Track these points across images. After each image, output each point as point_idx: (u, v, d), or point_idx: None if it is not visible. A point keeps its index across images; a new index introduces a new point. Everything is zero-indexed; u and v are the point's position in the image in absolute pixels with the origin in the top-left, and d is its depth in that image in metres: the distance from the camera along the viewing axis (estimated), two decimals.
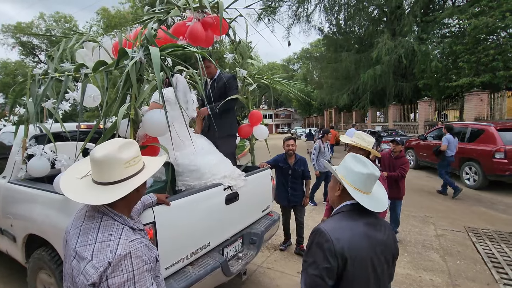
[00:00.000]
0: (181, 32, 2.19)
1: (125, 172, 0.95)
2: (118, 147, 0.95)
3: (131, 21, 15.55)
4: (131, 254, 0.89)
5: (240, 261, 2.34)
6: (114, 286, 0.85)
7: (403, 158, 3.85)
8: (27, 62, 24.88)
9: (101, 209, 0.96)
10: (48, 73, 2.51)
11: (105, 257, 0.86)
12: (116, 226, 0.94)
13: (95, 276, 0.84)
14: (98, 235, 0.91)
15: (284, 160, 3.38)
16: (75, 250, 0.91)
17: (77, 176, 1.01)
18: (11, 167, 2.61)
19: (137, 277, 0.89)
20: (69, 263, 0.93)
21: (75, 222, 1.00)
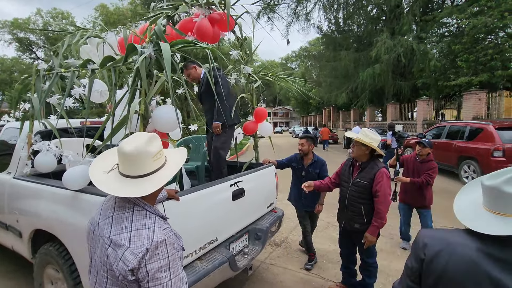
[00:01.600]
0: (188, 28, 2.19)
1: (153, 165, 0.98)
2: (145, 141, 0.97)
3: (130, 18, 15.49)
4: (166, 241, 0.93)
5: (246, 257, 2.36)
6: (152, 272, 0.88)
7: (431, 163, 3.39)
8: (24, 59, 24.67)
9: (132, 199, 0.99)
10: (53, 69, 2.51)
11: (143, 243, 0.89)
12: (149, 215, 0.97)
13: (134, 262, 0.87)
14: (132, 223, 0.94)
15: (299, 160, 3.15)
16: (110, 238, 0.93)
17: (104, 170, 1.03)
18: (16, 163, 2.61)
19: (171, 263, 0.92)
20: (102, 252, 0.95)
21: (104, 212, 1.02)
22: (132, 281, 0.90)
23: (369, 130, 2.34)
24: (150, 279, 0.89)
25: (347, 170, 2.51)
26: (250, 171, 2.64)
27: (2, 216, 2.64)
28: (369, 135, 2.29)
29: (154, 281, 0.89)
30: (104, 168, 1.04)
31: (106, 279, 0.95)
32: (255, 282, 2.92)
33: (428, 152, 3.38)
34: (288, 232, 4.19)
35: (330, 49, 20.23)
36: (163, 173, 1.01)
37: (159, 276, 0.90)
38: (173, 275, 0.94)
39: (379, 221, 2.23)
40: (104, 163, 1.07)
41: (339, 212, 2.57)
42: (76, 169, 1.91)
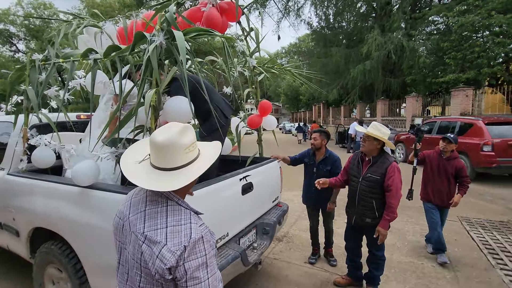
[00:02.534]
0: (197, 18, 2.11)
1: (186, 158, 0.93)
2: (178, 132, 0.92)
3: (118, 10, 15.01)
4: (203, 239, 0.88)
5: (255, 251, 2.33)
6: (191, 271, 0.84)
7: (458, 160, 3.15)
8: (3, 52, 23.56)
9: (165, 193, 0.93)
10: (49, 59, 2.38)
11: (180, 241, 0.84)
12: (184, 211, 0.92)
13: (172, 260, 0.82)
14: (168, 219, 0.89)
15: (311, 156, 3.06)
16: (144, 234, 0.87)
17: (136, 160, 0.97)
18: (10, 158, 2.47)
19: (208, 261, 0.88)
20: (135, 248, 0.89)
21: (134, 207, 0.96)
22: (169, 280, 0.85)
23: (380, 124, 2.34)
24: (188, 278, 0.84)
25: (355, 165, 2.51)
26: (257, 165, 2.61)
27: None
28: (381, 129, 2.29)
29: (193, 280, 0.85)
30: (135, 158, 0.99)
31: (139, 277, 0.89)
32: (261, 277, 2.90)
33: (453, 148, 3.15)
34: (289, 227, 4.19)
35: (321, 46, 20.33)
36: (196, 166, 0.96)
37: (197, 275, 0.85)
38: (210, 274, 0.89)
39: (391, 215, 2.24)
40: (135, 153, 1.02)
41: (348, 206, 2.57)
42: (84, 164, 1.82)
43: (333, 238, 3.22)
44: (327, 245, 3.23)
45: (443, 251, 3.18)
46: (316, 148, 2.99)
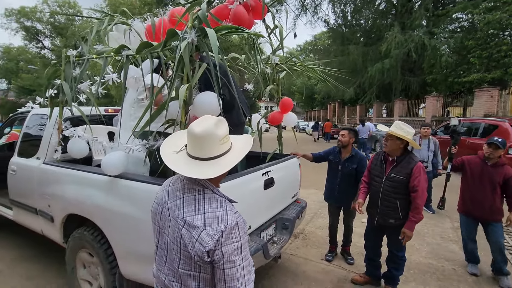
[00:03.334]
0: (224, 15, 2.16)
1: (220, 148, 0.98)
2: (214, 123, 0.97)
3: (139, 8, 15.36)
4: (238, 225, 0.93)
5: (275, 245, 2.38)
6: (228, 254, 0.89)
7: (506, 168, 2.71)
8: (30, 48, 24.65)
9: (201, 182, 0.99)
10: (83, 55, 2.50)
11: (218, 226, 0.90)
12: (219, 199, 0.98)
13: (211, 244, 0.88)
14: (205, 206, 0.94)
15: (336, 154, 3.03)
16: (184, 219, 0.93)
17: (174, 151, 1.03)
18: (45, 148, 2.62)
19: (243, 247, 0.93)
20: (175, 232, 0.95)
21: (172, 194, 1.02)
22: (207, 262, 0.90)
23: (403, 123, 2.32)
24: (225, 261, 0.89)
25: (378, 164, 2.49)
26: (278, 161, 2.65)
27: (31, 200, 2.67)
28: (404, 128, 2.26)
29: (229, 263, 0.90)
30: (173, 149, 1.05)
31: (178, 259, 0.95)
32: (279, 271, 2.95)
33: (501, 154, 2.74)
34: (305, 224, 4.21)
35: (337, 43, 20.00)
36: (230, 157, 1.01)
37: (233, 259, 0.90)
38: (244, 259, 0.94)
39: (417, 216, 2.22)
40: (172, 145, 1.08)
41: (370, 206, 2.56)
42: (115, 155, 1.92)
43: (351, 237, 3.22)
44: (345, 243, 3.23)
45: (473, 262, 3.00)
46: (343, 146, 2.97)
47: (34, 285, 2.67)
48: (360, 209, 2.48)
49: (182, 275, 0.95)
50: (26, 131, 3.04)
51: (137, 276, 1.90)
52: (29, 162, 2.72)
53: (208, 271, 0.93)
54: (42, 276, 2.81)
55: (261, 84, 2.82)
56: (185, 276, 0.95)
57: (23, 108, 3.35)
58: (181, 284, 0.97)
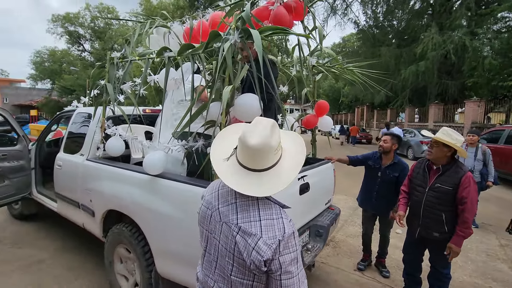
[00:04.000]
0: (264, 16, 2.13)
1: (273, 159, 0.92)
2: (270, 133, 0.89)
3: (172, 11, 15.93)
4: (294, 234, 0.89)
5: (309, 253, 2.30)
6: (285, 265, 0.85)
7: None
8: (72, 51, 26.55)
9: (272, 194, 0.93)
10: (126, 57, 2.59)
11: (274, 234, 0.86)
12: (273, 205, 0.94)
13: (269, 253, 0.84)
14: (260, 212, 0.91)
15: (377, 159, 2.90)
16: (238, 226, 0.90)
17: (223, 158, 0.98)
18: (89, 145, 2.76)
19: (298, 257, 0.90)
20: (228, 238, 0.92)
21: (223, 198, 0.99)
22: (264, 271, 0.87)
23: (451, 129, 2.15)
24: (283, 272, 0.85)
25: (421, 173, 2.33)
26: (313, 166, 2.57)
27: (74, 195, 2.81)
28: (452, 135, 2.09)
29: (286, 274, 0.86)
30: (222, 154, 1.00)
31: (231, 266, 0.92)
32: (310, 279, 2.85)
33: None
34: (335, 232, 4.06)
35: (368, 45, 19.34)
36: (285, 166, 0.94)
37: (290, 270, 0.87)
38: (300, 269, 0.90)
39: (466, 231, 2.04)
40: (222, 147, 1.03)
41: (411, 217, 2.40)
42: (155, 155, 1.96)
43: (387, 249, 3.05)
44: (380, 255, 3.07)
45: None
46: (384, 152, 2.82)
47: (74, 275, 2.81)
48: (402, 222, 2.33)
49: (234, 282, 0.92)
50: (70, 129, 3.22)
51: (172, 275, 1.92)
52: (74, 158, 2.87)
53: (263, 281, 0.90)
54: (82, 267, 2.95)
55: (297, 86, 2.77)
56: (238, 283, 0.91)
57: (68, 107, 3.57)
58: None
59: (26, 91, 39.13)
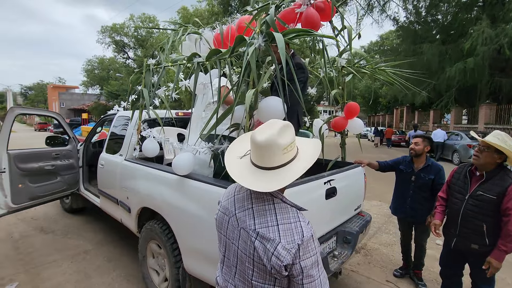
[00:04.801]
0: (290, 19, 2.13)
1: (283, 158, 0.92)
2: (278, 131, 0.91)
3: (207, 18, 16.55)
4: (313, 237, 0.88)
5: (336, 260, 2.23)
6: (307, 269, 0.85)
7: None
8: (118, 59, 28.87)
9: (269, 191, 0.95)
10: (160, 63, 2.75)
11: (293, 239, 0.85)
12: (290, 209, 0.93)
13: (288, 258, 0.84)
14: (277, 217, 0.90)
15: (408, 163, 2.76)
16: (256, 231, 0.90)
17: (238, 155, 1.02)
18: (127, 146, 2.97)
19: (319, 259, 0.89)
20: (247, 244, 0.92)
21: (239, 203, 1.00)
22: (285, 276, 0.87)
23: (505, 134, 1.94)
24: (304, 276, 0.85)
25: (461, 179, 2.13)
26: (342, 170, 2.49)
27: (114, 191, 3.04)
28: (508, 140, 1.88)
29: (308, 278, 0.86)
30: (238, 153, 1.03)
31: (251, 271, 0.92)
32: (338, 287, 2.77)
33: None
34: (367, 239, 3.88)
35: (408, 43, 18.17)
36: (295, 166, 0.94)
37: (312, 273, 0.86)
38: (321, 271, 0.89)
39: (509, 246, 1.82)
40: (238, 147, 1.06)
41: (448, 227, 2.21)
42: (184, 156, 2.05)
43: (424, 260, 2.85)
44: (416, 266, 2.87)
45: None
46: (416, 154, 2.67)
47: (113, 267, 3.04)
48: (438, 231, 2.16)
49: (255, 287, 0.93)
50: (112, 130, 3.49)
51: (199, 273, 1.98)
52: (114, 158, 3.12)
53: (284, 284, 0.90)
54: (119, 259, 3.18)
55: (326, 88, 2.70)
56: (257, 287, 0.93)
57: (111, 110, 3.88)
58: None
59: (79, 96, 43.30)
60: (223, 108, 2.00)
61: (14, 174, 3.26)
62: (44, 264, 3.07)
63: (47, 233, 3.89)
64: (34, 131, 30.44)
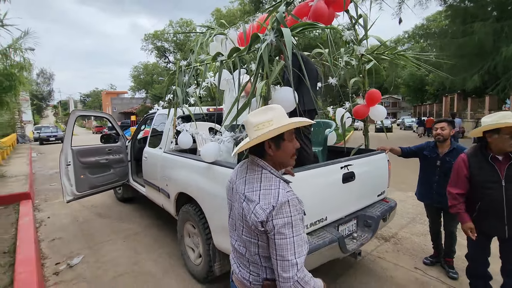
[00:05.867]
0: (304, 13, 2.25)
1: (255, 134, 1.11)
2: (254, 113, 1.14)
3: (239, 17, 16.97)
4: (289, 202, 1.03)
5: (355, 241, 2.32)
6: (278, 227, 1.01)
7: None
8: (160, 63, 30.99)
9: (260, 163, 1.15)
10: (190, 64, 3.06)
11: (270, 201, 1.03)
12: (274, 178, 1.11)
13: (263, 215, 1.02)
14: (261, 184, 1.09)
15: (432, 148, 2.73)
16: (244, 194, 1.12)
17: None
18: (165, 140, 3.36)
19: (294, 222, 1.03)
20: (239, 205, 1.14)
21: (239, 174, 1.22)
22: (262, 231, 1.05)
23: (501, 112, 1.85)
24: (276, 232, 1.01)
25: (486, 168, 2.01)
26: (360, 156, 2.55)
27: (156, 181, 3.46)
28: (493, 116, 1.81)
29: (279, 235, 1.01)
30: None
31: (242, 228, 1.14)
32: (362, 272, 2.83)
33: None
34: (399, 229, 3.82)
35: (458, 23, 16.49)
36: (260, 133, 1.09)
37: (283, 232, 1.01)
38: (295, 234, 1.03)
39: None
40: None
41: (489, 220, 2.05)
42: (210, 145, 2.31)
43: (455, 247, 2.77)
44: (447, 253, 2.82)
45: None
46: (444, 139, 2.62)
47: (158, 245, 3.48)
48: (475, 235, 2.06)
49: (245, 241, 1.13)
50: (153, 127, 3.94)
51: (225, 248, 2.24)
52: (155, 151, 3.54)
53: (264, 240, 1.08)
54: (163, 240, 3.61)
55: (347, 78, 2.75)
56: (247, 242, 1.12)
57: (151, 110, 4.35)
58: (245, 248, 1.15)
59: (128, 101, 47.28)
60: (243, 101, 2.21)
61: (77, 166, 3.87)
62: (103, 242, 3.62)
63: (104, 218, 4.52)
64: (92, 133, 34.08)
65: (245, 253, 1.15)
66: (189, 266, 2.83)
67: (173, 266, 3.02)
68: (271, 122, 1.09)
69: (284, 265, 1.00)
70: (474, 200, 2.10)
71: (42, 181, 7.49)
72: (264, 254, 1.10)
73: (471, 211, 2.11)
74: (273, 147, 1.12)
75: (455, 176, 2.18)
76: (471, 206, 2.12)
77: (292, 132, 1.16)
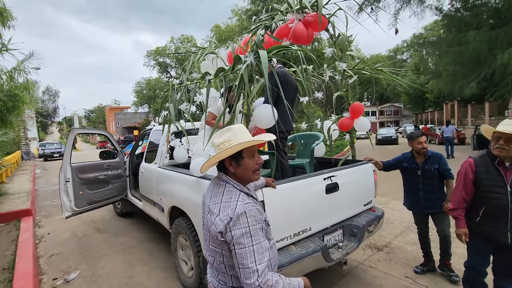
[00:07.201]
0: (285, 34, 2.41)
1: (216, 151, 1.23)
2: (218, 133, 1.26)
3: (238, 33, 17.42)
4: (246, 214, 1.12)
5: (340, 250, 2.38)
6: (236, 237, 1.09)
7: None
8: (162, 78, 31.56)
9: (224, 178, 1.25)
10: (182, 82, 3.22)
11: (227, 213, 1.13)
12: (235, 192, 1.20)
13: (221, 226, 1.11)
14: (223, 197, 1.19)
15: (410, 159, 2.86)
16: (209, 207, 1.22)
17: None
18: (160, 156, 3.48)
19: (252, 232, 1.11)
20: (205, 217, 1.25)
21: (209, 188, 1.33)
22: (223, 241, 1.13)
23: None
24: (235, 242, 1.09)
25: (493, 173, 2.02)
26: (345, 167, 2.64)
27: (151, 195, 3.56)
28: None
29: (238, 244, 1.09)
30: None
31: (208, 238, 1.23)
32: (352, 281, 2.86)
33: None
34: (392, 238, 3.85)
35: (453, 32, 16.76)
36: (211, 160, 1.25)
37: (241, 241, 1.09)
38: (255, 242, 1.10)
39: None
40: None
41: (488, 224, 2.07)
42: (199, 159, 2.42)
43: (451, 250, 2.85)
44: (444, 257, 2.87)
45: None
46: (424, 152, 2.78)
47: (152, 259, 3.53)
48: (467, 239, 2.11)
49: (212, 251, 1.22)
50: (149, 143, 4.07)
51: None
52: (150, 166, 3.65)
53: (226, 249, 1.16)
54: (158, 254, 3.67)
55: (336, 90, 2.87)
56: (213, 251, 1.21)
57: (149, 126, 4.50)
58: (213, 257, 1.23)
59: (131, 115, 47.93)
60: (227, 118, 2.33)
61: (75, 183, 4.00)
62: (100, 256, 3.70)
63: (102, 232, 4.60)
64: (96, 148, 34.48)
65: (213, 262, 1.23)
66: (182, 279, 2.89)
67: (167, 279, 3.07)
68: (230, 142, 1.19)
69: (246, 272, 1.08)
70: (479, 204, 2.10)
71: (45, 197, 7.62)
72: (228, 263, 1.18)
73: (475, 215, 2.11)
74: (233, 164, 1.22)
75: (461, 180, 2.15)
76: (474, 211, 2.12)
77: (252, 150, 1.24)
